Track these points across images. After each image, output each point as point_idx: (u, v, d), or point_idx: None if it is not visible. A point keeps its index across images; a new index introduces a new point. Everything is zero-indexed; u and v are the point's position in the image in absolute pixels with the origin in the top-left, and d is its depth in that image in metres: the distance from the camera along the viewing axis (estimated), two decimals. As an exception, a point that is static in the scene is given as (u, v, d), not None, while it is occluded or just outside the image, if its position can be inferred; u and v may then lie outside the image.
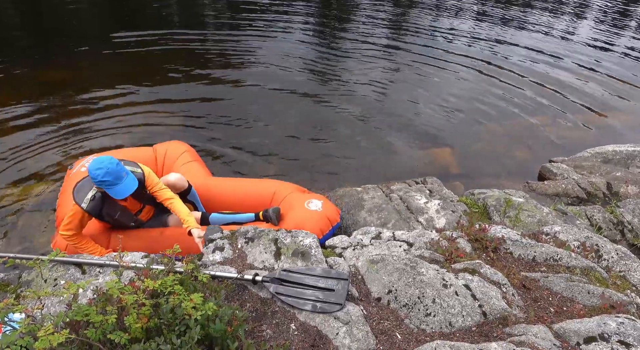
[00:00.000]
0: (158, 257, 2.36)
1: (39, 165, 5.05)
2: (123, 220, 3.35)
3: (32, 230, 4.19)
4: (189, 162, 4.23)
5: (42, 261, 1.98)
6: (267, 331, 1.98)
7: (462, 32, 11.93)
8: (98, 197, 3.07)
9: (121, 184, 2.93)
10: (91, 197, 3.06)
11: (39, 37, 8.81)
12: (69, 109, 6.22)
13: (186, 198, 3.67)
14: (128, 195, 2.97)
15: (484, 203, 4.30)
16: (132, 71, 7.55)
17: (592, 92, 8.90)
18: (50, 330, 1.44)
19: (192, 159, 4.30)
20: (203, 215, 3.61)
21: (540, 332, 2.01)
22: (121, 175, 2.93)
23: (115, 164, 2.91)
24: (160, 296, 1.80)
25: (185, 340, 1.61)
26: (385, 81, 8.20)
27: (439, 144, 6.41)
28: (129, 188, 2.96)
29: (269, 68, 8.12)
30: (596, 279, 2.52)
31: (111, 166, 2.87)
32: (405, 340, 2.00)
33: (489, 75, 8.99)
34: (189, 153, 4.38)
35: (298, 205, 3.62)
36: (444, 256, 2.55)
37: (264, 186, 3.97)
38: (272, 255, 2.46)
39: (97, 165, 2.88)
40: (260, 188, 3.95)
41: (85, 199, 3.05)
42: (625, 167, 5.78)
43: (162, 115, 6.32)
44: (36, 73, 7.09)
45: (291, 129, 6.24)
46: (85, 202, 3.04)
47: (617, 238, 4.09)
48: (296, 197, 3.77)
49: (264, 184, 4.03)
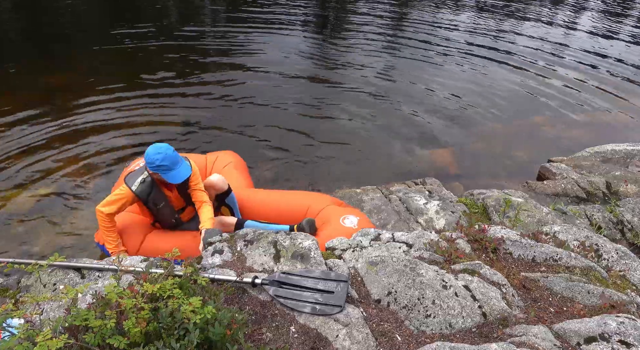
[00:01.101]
0: (157, 261, 2.35)
1: (38, 168, 5.05)
2: (165, 213, 3.44)
3: (31, 235, 4.19)
4: (233, 170, 4.26)
5: (40, 266, 1.98)
6: (266, 334, 1.98)
7: (461, 29, 11.95)
8: (148, 181, 3.23)
9: (177, 169, 3.13)
10: (141, 180, 3.22)
11: (35, 34, 8.80)
12: (68, 109, 6.24)
13: (224, 201, 3.75)
14: (183, 180, 3.15)
15: (483, 203, 4.29)
16: (132, 69, 7.56)
17: (591, 91, 8.92)
18: (49, 336, 1.43)
19: (237, 169, 4.32)
20: (238, 221, 3.63)
21: (541, 332, 2.01)
22: (177, 160, 3.14)
23: (172, 150, 3.12)
24: (159, 300, 1.80)
25: (184, 344, 1.60)
26: (383, 81, 8.21)
27: (438, 144, 6.42)
28: (184, 173, 3.16)
29: (268, 65, 8.16)
30: (596, 278, 2.52)
31: (169, 152, 3.09)
32: (405, 342, 1.99)
33: (487, 75, 9.00)
34: (236, 163, 4.40)
35: (334, 221, 3.49)
36: (444, 257, 2.55)
37: (299, 198, 3.91)
38: (271, 257, 2.45)
39: (156, 150, 3.07)
40: (295, 199, 3.88)
41: (136, 182, 3.21)
42: (625, 166, 5.78)
43: (164, 113, 6.33)
44: (34, 73, 7.10)
45: (289, 130, 6.25)
46: (135, 185, 3.20)
47: (617, 237, 4.09)
48: (332, 211, 3.66)
49: (300, 195, 3.98)
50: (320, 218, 3.61)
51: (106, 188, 4.76)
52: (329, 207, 3.71)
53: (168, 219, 3.49)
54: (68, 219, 4.41)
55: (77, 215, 4.47)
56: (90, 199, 4.67)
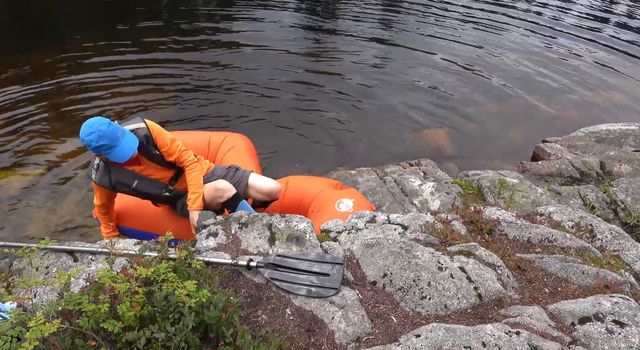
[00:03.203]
0: (151, 244, 2.33)
1: (28, 151, 4.98)
2: (150, 191, 2.97)
3: (23, 218, 4.15)
4: (242, 153, 3.90)
5: (31, 250, 1.95)
6: (262, 317, 1.97)
7: (455, 10, 11.79)
8: (102, 166, 2.81)
9: (120, 145, 2.58)
10: (95, 166, 2.83)
11: (27, 21, 8.60)
12: (59, 93, 6.10)
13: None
14: (131, 155, 2.64)
15: (478, 184, 4.29)
16: (122, 50, 7.41)
17: (585, 71, 8.88)
18: (42, 320, 1.41)
19: (247, 152, 3.98)
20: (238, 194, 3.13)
21: (535, 313, 2.02)
22: (116, 135, 2.56)
23: (107, 124, 2.55)
24: (154, 284, 1.78)
25: (179, 328, 1.60)
26: (377, 63, 8.12)
27: (433, 125, 6.38)
28: (129, 147, 2.62)
29: (259, 52, 7.98)
30: (590, 259, 2.53)
31: (103, 127, 2.52)
32: (400, 324, 2.00)
33: (481, 56, 8.92)
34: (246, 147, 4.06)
35: (329, 207, 3.37)
36: (439, 239, 2.54)
37: (295, 182, 3.75)
38: (266, 240, 2.44)
39: (88, 129, 2.52)
40: (291, 184, 3.73)
41: (93, 170, 2.83)
42: (619, 146, 5.79)
43: (155, 97, 6.23)
44: (25, 57, 6.93)
45: (282, 114, 6.17)
46: (93, 174, 2.82)
47: (611, 217, 4.11)
48: (328, 195, 3.53)
49: (296, 180, 3.82)
50: (316, 203, 3.54)
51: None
52: (324, 191, 3.61)
53: (157, 195, 3.03)
54: (59, 200, 4.37)
55: (68, 197, 4.42)
56: (81, 180, 4.61)
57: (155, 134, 2.84)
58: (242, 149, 3.97)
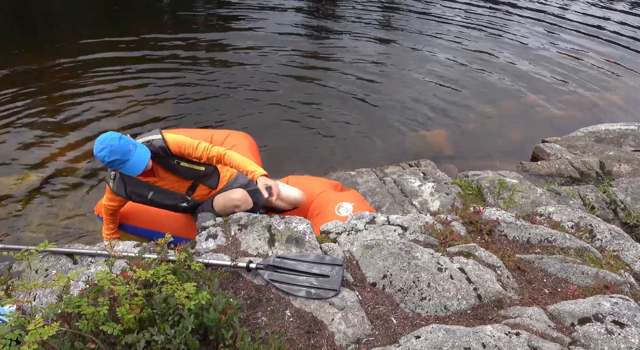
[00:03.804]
0: (150, 246, 2.33)
1: (26, 153, 4.97)
2: (166, 203, 2.99)
3: (22, 221, 4.14)
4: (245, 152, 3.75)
5: (31, 252, 1.95)
6: (262, 318, 1.97)
7: (455, 11, 11.79)
8: (118, 177, 2.85)
9: (132, 159, 2.59)
10: (112, 176, 2.87)
11: (27, 21, 8.59)
12: (59, 93, 6.10)
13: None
14: (143, 168, 2.64)
15: (477, 185, 4.29)
16: (124, 51, 7.40)
17: (585, 71, 8.88)
18: (41, 323, 1.41)
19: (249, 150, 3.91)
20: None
21: (535, 313, 2.02)
22: (127, 149, 2.57)
23: (118, 139, 2.56)
24: (153, 286, 1.78)
25: (179, 330, 1.59)
26: (376, 63, 8.12)
27: (433, 125, 6.38)
28: (141, 160, 2.62)
29: (259, 50, 7.99)
30: (590, 259, 2.53)
31: (114, 142, 2.54)
32: (400, 325, 2.00)
33: (481, 57, 8.92)
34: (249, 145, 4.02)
35: (329, 211, 3.32)
36: (439, 240, 2.54)
37: (297, 183, 3.67)
38: (266, 242, 2.44)
39: (100, 145, 2.55)
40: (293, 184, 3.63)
41: (110, 179, 2.88)
42: (618, 145, 5.80)
43: (153, 98, 6.23)
44: (25, 57, 6.92)
45: (282, 113, 6.18)
46: (111, 182, 2.86)
47: (610, 217, 4.11)
48: (328, 198, 3.49)
49: (297, 180, 3.77)
50: (315, 205, 3.50)
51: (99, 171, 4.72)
52: (324, 193, 3.58)
53: (174, 206, 3.04)
54: (60, 203, 4.36)
55: (69, 199, 4.42)
56: (82, 183, 4.61)
57: (172, 145, 2.80)
58: (245, 147, 3.94)
